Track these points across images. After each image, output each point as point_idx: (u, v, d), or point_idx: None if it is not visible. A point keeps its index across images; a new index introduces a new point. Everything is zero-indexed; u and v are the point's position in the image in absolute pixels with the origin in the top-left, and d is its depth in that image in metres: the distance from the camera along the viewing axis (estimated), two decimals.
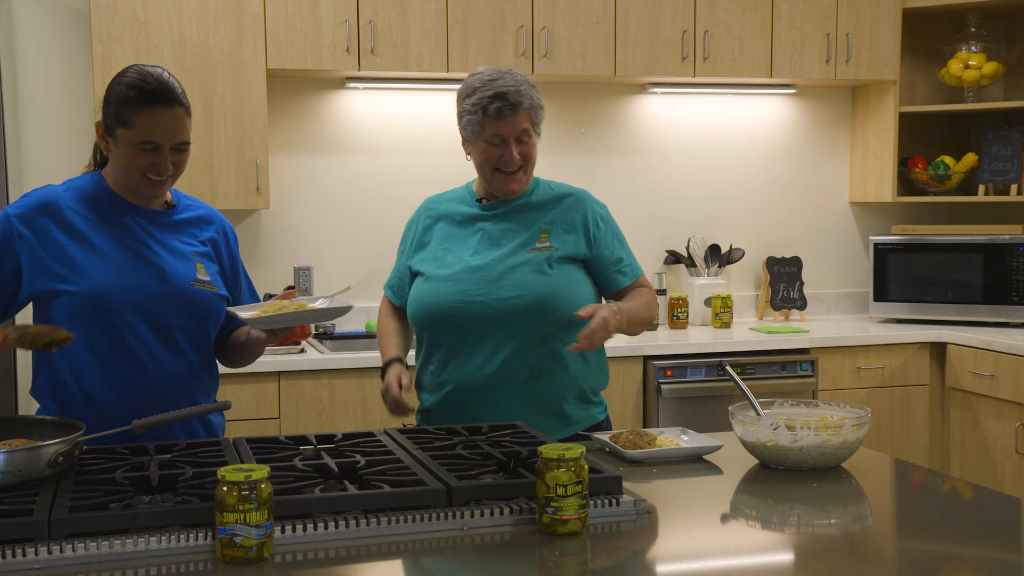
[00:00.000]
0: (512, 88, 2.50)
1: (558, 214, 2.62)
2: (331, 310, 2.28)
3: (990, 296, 4.59)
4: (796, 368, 4.27)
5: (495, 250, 2.58)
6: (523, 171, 2.58)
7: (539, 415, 2.53)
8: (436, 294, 2.55)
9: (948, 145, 5.14)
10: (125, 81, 2.23)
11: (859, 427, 2.15)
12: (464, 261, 2.57)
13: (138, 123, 2.20)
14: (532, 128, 2.55)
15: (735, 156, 4.99)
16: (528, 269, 2.53)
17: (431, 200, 2.78)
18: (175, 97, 2.23)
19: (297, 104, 4.44)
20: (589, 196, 2.69)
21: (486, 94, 2.50)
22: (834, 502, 2.03)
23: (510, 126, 2.51)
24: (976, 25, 4.84)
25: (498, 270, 2.54)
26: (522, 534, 1.76)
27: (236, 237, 2.51)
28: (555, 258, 2.55)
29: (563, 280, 2.54)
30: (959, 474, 4.36)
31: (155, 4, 3.92)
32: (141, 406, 2.21)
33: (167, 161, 2.23)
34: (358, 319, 4.53)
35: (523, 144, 2.54)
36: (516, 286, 2.51)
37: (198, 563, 1.63)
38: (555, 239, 2.58)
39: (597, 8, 4.34)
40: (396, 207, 4.56)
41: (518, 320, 2.50)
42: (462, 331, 2.54)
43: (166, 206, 2.38)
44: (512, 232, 2.60)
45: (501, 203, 2.64)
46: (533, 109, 2.53)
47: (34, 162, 4.12)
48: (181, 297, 2.29)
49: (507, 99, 2.49)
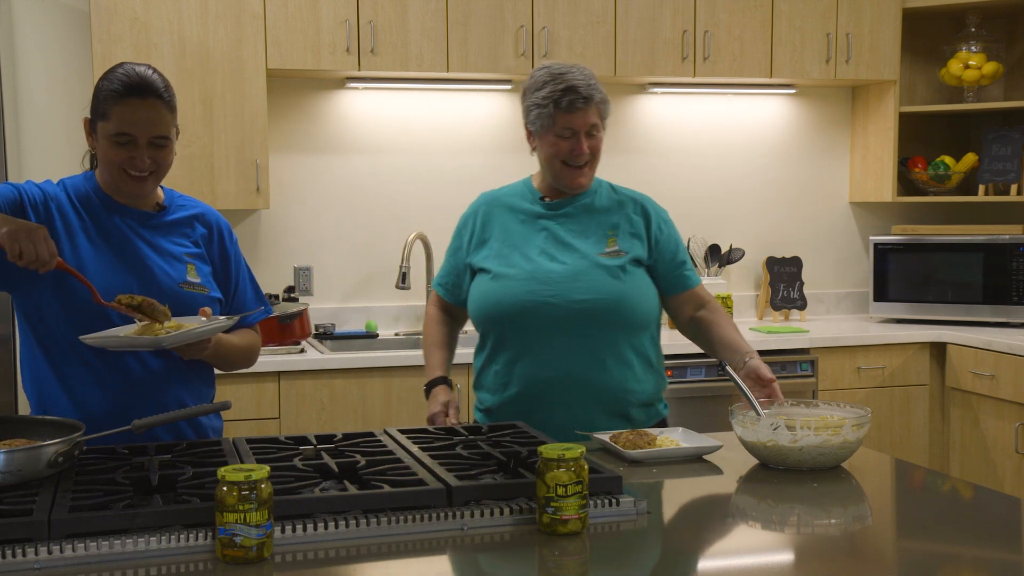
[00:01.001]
0: (583, 81, 2.51)
1: (623, 218, 2.63)
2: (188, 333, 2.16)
3: (990, 296, 4.59)
4: (796, 368, 4.27)
5: (564, 251, 2.57)
6: (589, 166, 2.58)
7: (607, 417, 2.53)
8: (506, 293, 2.54)
9: (948, 145, 5.14)
10: (108, 76, 2.23)
11: (859, 427, 2.15)
12: (533, 260, 2.57)
13: (114, 115, 2.19)
14: (600, 123, 2.56)
15: (735, 156, 4.99)
16: (602, 273, 2.53)
17: (488, 195, 2.75)
18: (153, 90, 2.21)
19: (297, 104, 4.44)
20: (651, 200, 2.71)
21: (558, 87, 2.50)
22: (834, 502, 2.03)
23: (581, 119, 2.51)
24: (976, 25, 4.84)
25: (571, 272, 2.54)
26: (522, 534, 1.76)
27: (233, 235, 2.48)
28: (627, 262, 2.56)
29: (634, 285, 2.55)
30: (959, 474, 4.36)
31: (155, 4, 3.92)
32: (125, 408, 2.20)
33: (143, 155, 2.20)
34: (358, 319, 4.53)
35: (592, 138, 2.55)
36: (589, 289, 2.51)
37: (198, 563, 1.62)
38: (622, 243, 2.59)
39: (597, 8, 4.34)
40: (396, 207, 4.57)
41: (589, 323, 2.51)
42: (532, 331, 2.53)
43: (157, 207, 2.36)
44: (578, 233, 2.59)
45: (566, 202, 2.63)
46: (603, 103, 2.55)
47: (34, 162, 4.12)
48: (168, 299, 2.24)
49: (579, 92, 2.49)
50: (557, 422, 2.50)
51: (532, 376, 2.54)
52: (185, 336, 2.15)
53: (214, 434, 2.43)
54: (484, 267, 2.62)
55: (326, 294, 4.52)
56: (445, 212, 4.60)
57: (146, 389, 2.28)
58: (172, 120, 2.25)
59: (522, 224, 2.63)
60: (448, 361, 2.75)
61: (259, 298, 2.51)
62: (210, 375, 2.45)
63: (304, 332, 4.15)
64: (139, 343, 2.13)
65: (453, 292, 2.73)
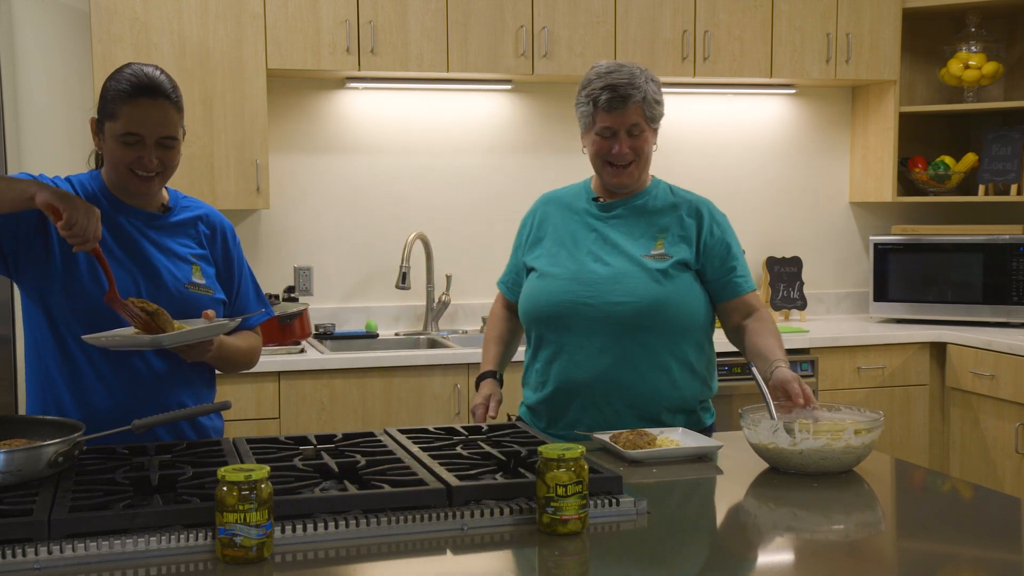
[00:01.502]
0: (625, 81, 2.49)
1: (674, 220, 2.59)
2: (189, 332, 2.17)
3: (990, 296, 4.59)
4: (796, 368, 4.26)
5: (611, 252, 2.56)
6: (635, 165, 2.56)
7: (638, 422, 2.52)
8: (548, 292, 2.56)
9: (948, 145, 5.14)
10: (116, 76, 2.24)
11: (863, 432, 2.12)
12: (578, 261, 2.57)
13: (122, 115, 2.19)
14: (645, 122, 2.53)
15: (735, 156, 4.99)
16: (643, 276, 2.51)
17: (548, 196, 2.76)
18: (162, 91, 2.22)
19: (297, 104, 4.44)
20: (708, 204, 2.65)
21: (598, 85, 2.50)
22: (834, 502, 2.02)
23: (620, 119, 2.50)
24: (976, 25, 4.84)
25: (612, 274, 2.53)
26: (522, 534, 1.76)
27: (236, 237, 2.48)
28: (670, 266, 2.53)
29: (675, 289, 2.52)
30: (959, 474, 4.36)
31: (155, 4, 3.92)
32: (128, 407, 2.20)
33: (151, 155, 2.21)
34: (358, 319, 4.53)
35: (634, 138, 2.53)
36: (628, 292, 2.50)
37: (198, 563, 1.62)
38: (670, 246, 2.56)
39: (597, 8, 4.34)
40: (396, 207, 4.57)
41: (626, 326, 2.49)
42: (570, 331, 2.53)
43: (162, 208, 2.36)
44: (628, 235, 2.58)
45: (618, 203, 2.62)
46: (647, 103, 2.52)
47: (34, 162, 4.12)
48: (174, 300, 2.26)
49: (617, 91, 2.48)
50: (586, 423, 2.51)
51: (566, 376, 2.54)
52: (185, 336, 2.15)
53: (215, 434, 2.43)
54: (534, 266, 2.63)
55: (326, 294, 4.52)
56: (445, 212, 4.62)
57: (149, 390, 2.28)
58: (179, 121, 2.26)
59: (575, 224, 2.63)
60: (502, 356, 2.77)
61: (260, 300, 2.51)
62: (211, 377, 2.45)
63: (304, 332, 4.15)
64: (140, 342, 2.13)
65: (513, 290, 2.75)
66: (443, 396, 3.93)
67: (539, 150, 4.70)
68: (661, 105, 2.57)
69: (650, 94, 2.53)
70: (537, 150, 4.70)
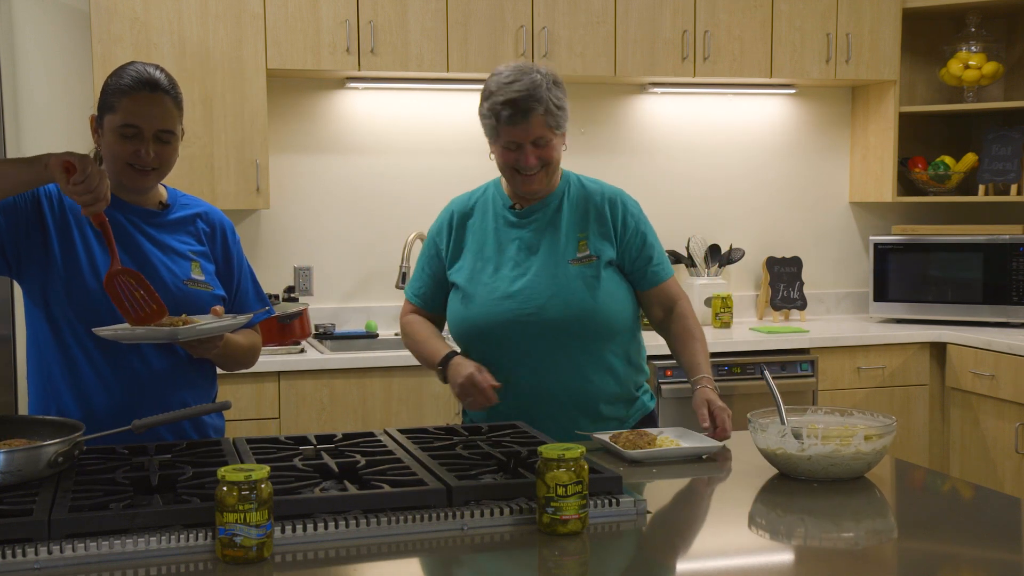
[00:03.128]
0: (525, 93, 2.43)
1: (592, 217, 2.58)
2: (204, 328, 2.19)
3: (990, 296, 4.59)
4: (796, 368, 4.27)
5: (536, 262, 2.54)
6: (544, 172, 2.52)
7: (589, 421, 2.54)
8: (482, 313, 2.53)
9: (948, 145, 5.14)
10: (118, 72, 2.27)
11: (874, 438, 2.09)
12: (505, 276, 2.54)
13: (121, 107, 2.22)
14: (550, 132, 2.48)
15: (735, 156, 4.99)
16: (573, 285, 2.51)
17: (458, 203, 2.69)
18: (162, 86, 2.25)
19: (297, 104, 4.44)
20: (621, 194, 2.64)
21: (498, 100, 2.45)
22: (834, 502, 2.02)
23: (523, 132, 2.46)
24: (976, 25, 4.84)
25: (544, 287, 2.51)
26: (522, 534, 1.76)
27: (235, 234, 2.49)
28: (601, 267, 2.54)
29: (607, 293, 2.52)
30: (959, 474, 4.36)
31: (155, 4, 3.92)
32: (129, 407, 2.21)
33: (149, 149, 2.22)
34: (358, 319, 4.53)
35: (540, 148, 2.48)
36: (567, 304, 2.49)
37: (198, 563, 1.62)
38: (593, 246, 2.56)
39: (597, 8, 4.34)
40: (396, 207, 4.57)
41: (565, 336, 2.50)
42: (508, 349, 2.53)
43: (161, 206, 2.37)
44: (550, 240, 2.56)
45: (536, 207, 2.59)
46: (549, 113, 2.46)
47: None
48: (174, 297, 2.27)
49: (518, 106, 2.43)
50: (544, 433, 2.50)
51: (516, 392, 2.53)
52: (201, 331, 2.16)
53: (216, 433, 2.43)
54: (457, 282, 2.60)
55: (326, 294, 4.52)
56: None
57: (150, 389, 2.28)
58: (178, 117, 2.28)
59: (494, 234, 2.60)
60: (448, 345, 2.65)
61: (260, 297, 2.51)
62: (212, 375, 2.45)
63: (304, 332, 4.15)
64: (157, 335, 2.13)
65: (430, 302, 2.70)
66: (443, 396, 3.93)
67: None
68: (565, 111, 2.50)
69: (553, 102, 2.46)
70: None
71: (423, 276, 2.71)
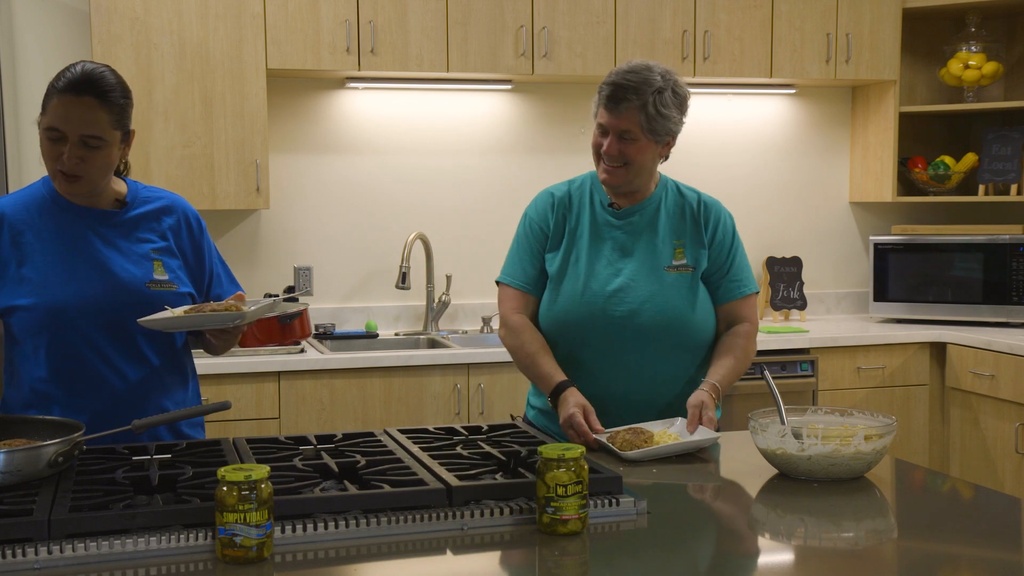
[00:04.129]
0: (632, 84, 2.41)
1: (689, 226, 2.55)
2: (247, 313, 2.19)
3: (990, 296, 4.59)
4: (796, 368, 4.27)
5: (631, 264, 2.52)
6: (625, 170, 2.48)
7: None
8: (572, 309, 2.50)
9: (948, 145, 5.14)
10: (60, 72, 2.17)
11: (874, 438, 2.09)
12: (599, 275, 2.51)
13: (50, 109, 2.15)
14: (640, 132, 2.43)
15: (735, 156, 4.99)
16: (672, 293, 2.49)
17: (558, 190, 2.62)
18: (93, 89, 2.14)
19: (297, 104, 4.44)
20: (717, 204, 2.61)
21: (607, 80, 2.45)
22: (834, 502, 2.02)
23: (613, 120, 2.43)
24: (976, 25, 4.84)
25: (641, 290, 2.49)
26: (522, 534, 1.76)
27: (202, 222, 2.41)
28: (694, 278, 2.52)
29: (703, 304, 2.51)
30: (959, 474, 4.36)
31: (155, 4, 3.92)
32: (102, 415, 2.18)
33: (71, 154, 2.13)
34: (358, 319, 4.53)
35: (625, 143, 2.45)
36: (661, 311, 2.47)
37: (198, 563, 1.62)
38: (690, 254, 2.53)
39: (597, 8, 4.34)
40: (396, 207, 4.57)
41: (656, 343, 2.48)
42: (596, 349, 2.50)
43: (118, 203, 2.29)
44: (646, 243, 2.53)
45: (634, 209, 2.55)
46: (645, 113, 2.41)
47: (34, 162, 4.12)
48: (137, 302, 2.21)
49: (616, 92, 2.41)
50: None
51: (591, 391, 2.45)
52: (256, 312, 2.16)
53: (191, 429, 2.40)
54: (552, 272, 2.56)
55: (326, 294, 4.52)
56: (445, 212, 4.61)
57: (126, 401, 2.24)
58: (110, 122, 2.16)
59: (590, 228, 2.55)
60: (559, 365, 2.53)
61: (232, 281, 2.46)
62: (185, 378, 2.40)
63: (304, 332, 4.14)
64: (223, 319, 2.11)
65: (536, 287, 2.58)
66: (443, 396, 3.93)
67: (539, 150, 4.70)
68: (666, 120, 2.44)
69: (654, 105, 2.41)
70: (537, 150, 4.69)
71: (529, 260, 2.58)
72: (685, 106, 2.50)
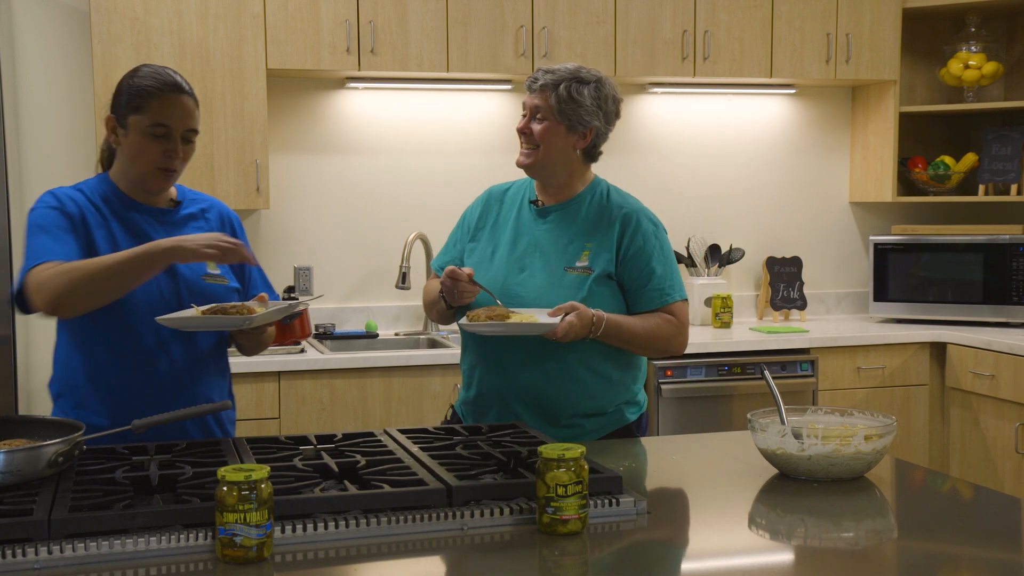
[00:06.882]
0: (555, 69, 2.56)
1: (603, 230, 2.58)
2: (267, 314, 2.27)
3: (990, 296, 4.59)
4: (796, 368, 4.27)
5: (537, 262, 2.58)
6: (536, 153, 2.59)
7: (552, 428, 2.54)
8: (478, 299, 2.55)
9: (948, 145, 5.14)
10: (138, 74, 2.32)
11: (874, 438, 2.09)
12: (505, 271, 2.59)
13: (150, 108, 2.27)
14: (552, 113, 2.54)
15: (735, 156, 4.99)
16: (563, 293, 2.52)
17: (495, 188, 2.79)
18: (185, 88, 2.33)
19: (297, 104, 4.44)
20: (640, 213, 2.61)
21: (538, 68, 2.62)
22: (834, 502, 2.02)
23: (530, 98, 2.58)
24: (976, 25, 4.84)
25: (534, 288, 2.55)
26: (522, 534, 1.76)
27: (242, 227, 2.54)
28: (592, 280, 2.54)
29: (595, 305, 2.51)
30: (959, 474, 4.36)
31: (155, 4, 3.92)
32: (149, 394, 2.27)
33: (177, 148, 2.29)
34: (358, 319, 4.53)
35: (536, 122, 2.57)
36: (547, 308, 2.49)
37: (198, 563, 1.62)
38: (595, 258, 2.56)
39: (597, 8, 4.34)
40: (396, 207, 4.57)
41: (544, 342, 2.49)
42: (491, 343, 2.55)
43: (171, 203, 2.41)
44: (557, 243, 2.59)
45: (554, 208, 2.63)
46: (559, 96, 2.53)
47: (34, 162, 4.12)
48: (195, 292, 2.33)
49: (536, 75, 2.57)
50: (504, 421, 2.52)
51: (487, 383, 2.59)
52: (266, 316, 2.24)
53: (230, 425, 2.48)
54: (471, 265, 2.64)
55: (326, 294, 4.52)
56: (445, 212, 4.60)
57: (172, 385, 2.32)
58: (199, 118, 2.35)
59: (514, 225, 2.65)
60: None
61: (267, 284, 2.56)
62: (226, 371, 2.49)
63: (304, 332, 4.14)
64: (228, 322, 2.20)
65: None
66: (443, 396, 3.93)
67: None
68: (581, 108, 2.53)
69: (567, 90, 2.52)
70: None
71: (451, 250, 2.75)
72: (607, 106, 2.59)
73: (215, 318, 2.20)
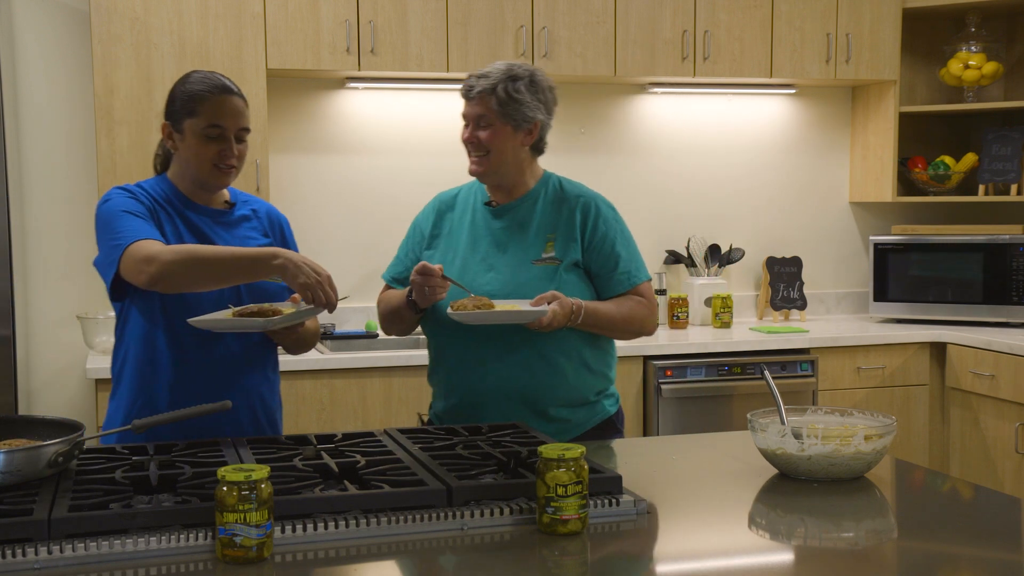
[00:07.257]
0: (486, 74, 2.55)
1: (564, 219, 2.61)
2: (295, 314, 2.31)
3: (990, 296, 4.59)
4: (796, 368, 4.27)
5: (503, 259, 2.59)
6: (488, 158, 2.60)
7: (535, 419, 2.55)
8: (445, 304, 2.55)
9: (948, 145, 5.14)
10: (189, 80, 2.42)
11: (874, 438, 2.09)
12: (472, 271, 2.60)
13: (204, 110, 2.36)
14: (495, 117, 2.56)
15: (735, 156, 4.99)
16: (533, 285, 2.54)
17: (443, 195, 2.80)
18: (236, 89, 2.43)
19: (297, 104, 4.44)
20: (597, 199, 2.66)
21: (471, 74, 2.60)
22: (834, 502, 2.02)
23: (469, 108, 2.59)
24: (976, 25, 4.84)
25: (505, 285, 2.56)
26: (522, 534, 1.76)
27: (290, 228, 2.62)
28: (562, 269, 2.56)
29: (567, 293, 2.52)
30: (959, 474, 4.36)
31: (155, 4, 3.92)
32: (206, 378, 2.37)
33: (232, 147, 2.38)
34: (358, 319, 4.53)
35: (482, 129, 2.58)
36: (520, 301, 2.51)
37: (198, 563, 1.63)
38: (560, 247, 2.58)
39: (597, 8, 4.34)
40: (396, 207, 4.57)
41: (519, 334, 2.51)
42: (468, 343, 2.56)
43: (227, 204, 2.50)
44: (519, 239, 2.61)
45: (510, 206, 2.65)
46: (497, 98, 2.54)
47: (34, 162, 4.12)
48: (253, 289, 2.41)
49: (471, 81, 2.57)
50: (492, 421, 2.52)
51: (470, 387, 2.59)
52: (288, 319, 2.28)
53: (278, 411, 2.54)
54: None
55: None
56: None
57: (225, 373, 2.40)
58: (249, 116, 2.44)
59: (470, 228, 2.67)
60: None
61: None
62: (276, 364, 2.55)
63: None
64: (250, 324, 2.24)
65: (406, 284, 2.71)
66: None
67: None
68: (522, 104, 2.56)
69: (506, 90, 2.53)
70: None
71: (404, 260, 2.76)
72: (545, 96, 2.62)
73: (239, 320, 2.25)
